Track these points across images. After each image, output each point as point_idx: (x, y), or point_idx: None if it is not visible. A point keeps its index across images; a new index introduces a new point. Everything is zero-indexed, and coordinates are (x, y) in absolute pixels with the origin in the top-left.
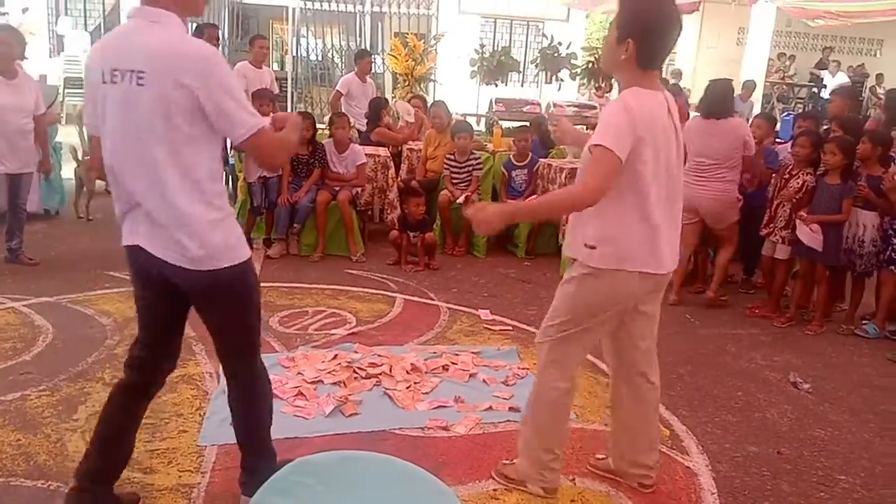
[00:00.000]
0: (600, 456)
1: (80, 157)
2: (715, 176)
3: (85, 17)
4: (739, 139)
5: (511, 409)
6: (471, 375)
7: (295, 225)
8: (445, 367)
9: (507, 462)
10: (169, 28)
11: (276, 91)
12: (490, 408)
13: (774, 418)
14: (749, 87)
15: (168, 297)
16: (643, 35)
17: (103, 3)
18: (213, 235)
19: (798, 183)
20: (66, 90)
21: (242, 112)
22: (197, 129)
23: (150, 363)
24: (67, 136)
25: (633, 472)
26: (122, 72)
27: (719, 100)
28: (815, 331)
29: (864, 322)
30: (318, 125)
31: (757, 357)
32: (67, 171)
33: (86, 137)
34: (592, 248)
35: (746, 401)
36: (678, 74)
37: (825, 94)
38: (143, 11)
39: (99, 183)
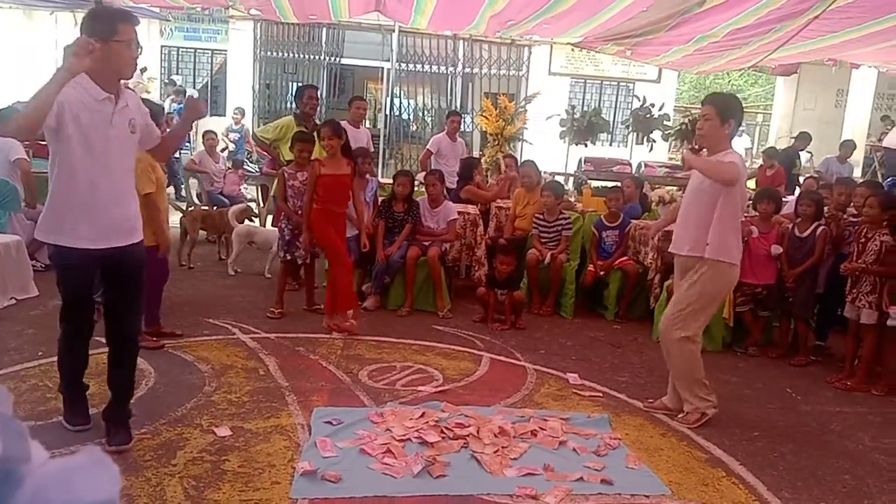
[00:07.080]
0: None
1: (184, 207)
2: None
3: (194, 75)
4: None
5: (603, 481)
6: (560, 443)
7: (385, 278)
8: (534, 433)
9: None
10: None
11: (372, 149)
12: (581, 478)
13: None
14: (849, 146)
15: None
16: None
17: (211, 63)
18: None
19: (876, 245)
20: None
21: None
22: None
23: None
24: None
25: None
26: None
27: None
28: None
29: None
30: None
31: (865, 438)
32: (173, 220)
33: (191, 189)
34: None
35: (855, 485)
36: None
37: None
38: None
39: (201, 232)
